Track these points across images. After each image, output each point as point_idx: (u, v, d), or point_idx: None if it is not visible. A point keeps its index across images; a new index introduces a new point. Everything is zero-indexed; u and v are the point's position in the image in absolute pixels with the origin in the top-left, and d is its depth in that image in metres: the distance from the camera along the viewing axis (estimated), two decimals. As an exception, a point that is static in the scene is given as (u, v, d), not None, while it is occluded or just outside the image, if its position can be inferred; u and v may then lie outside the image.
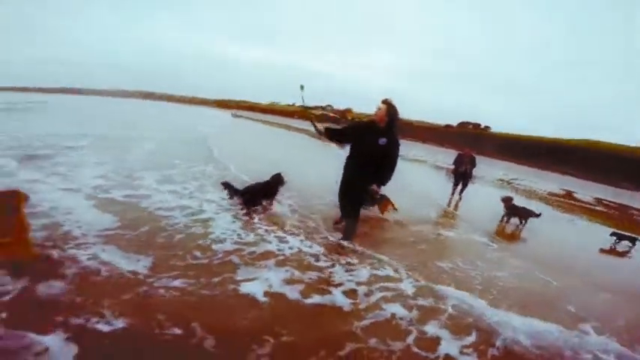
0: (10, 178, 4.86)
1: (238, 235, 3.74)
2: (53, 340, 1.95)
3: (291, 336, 2.26)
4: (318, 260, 3.47)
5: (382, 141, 3.47)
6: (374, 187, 3.64)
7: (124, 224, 3.65)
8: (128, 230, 3.52)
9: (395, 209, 5.49)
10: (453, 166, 8.70)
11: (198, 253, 3.18)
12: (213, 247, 3.36)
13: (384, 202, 5.40)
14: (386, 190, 3.96)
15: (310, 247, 3.76)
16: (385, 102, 3.50)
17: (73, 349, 1.92)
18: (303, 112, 4.13)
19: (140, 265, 2.84)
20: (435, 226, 5.65)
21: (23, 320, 2.07)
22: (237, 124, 19.47)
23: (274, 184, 4.61)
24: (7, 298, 2.25)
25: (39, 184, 4.71)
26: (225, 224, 4.00)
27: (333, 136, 3.82)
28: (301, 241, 3.87)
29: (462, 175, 8.25)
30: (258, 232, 3.94)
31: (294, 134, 16.83)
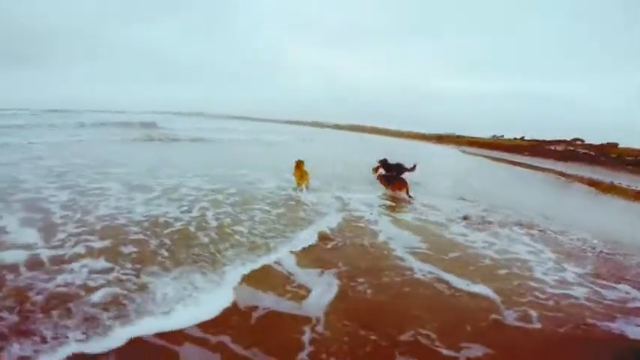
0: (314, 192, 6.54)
1: (596, 291, 3.24)
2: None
3: None
4: None
5: None
6: None
7: (430, 247, 4.01)
8: (439, 254, 3.82)
9: (410, 197, 6.15)
10: None
11: (540, 294, 2.99)
12: (552, 290, 3.08)
13: (399, 183, 6.40)
14: None
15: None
16: None
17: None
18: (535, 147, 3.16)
19: (476, 289, 2.97)
20: None
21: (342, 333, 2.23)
22: (470, 161, 18.48)
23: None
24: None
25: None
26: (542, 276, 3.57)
27: None
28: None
29: None
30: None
31: (547, 176, 13.68)
